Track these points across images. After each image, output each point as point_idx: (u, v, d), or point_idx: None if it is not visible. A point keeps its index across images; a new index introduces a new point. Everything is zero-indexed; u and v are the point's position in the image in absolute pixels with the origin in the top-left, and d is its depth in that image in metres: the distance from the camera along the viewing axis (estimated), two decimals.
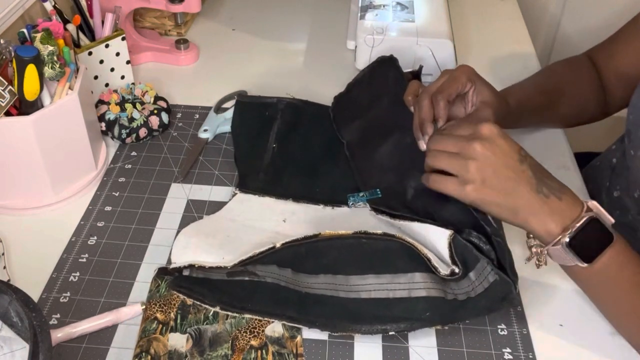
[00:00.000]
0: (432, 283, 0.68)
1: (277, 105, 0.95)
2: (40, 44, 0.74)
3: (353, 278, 0.70)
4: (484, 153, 0.66)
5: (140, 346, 0.65)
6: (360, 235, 0.72)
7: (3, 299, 0.59)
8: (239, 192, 0.83)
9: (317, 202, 0.82)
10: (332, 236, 0.72)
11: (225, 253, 0.73)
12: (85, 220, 0.80)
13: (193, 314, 0.69)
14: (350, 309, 0.68)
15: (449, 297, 0.67)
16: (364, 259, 0.71)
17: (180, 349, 0.66)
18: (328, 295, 0.69)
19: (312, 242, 0.72)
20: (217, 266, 0.71)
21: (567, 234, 0.63)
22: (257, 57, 1.13)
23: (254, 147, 0.89)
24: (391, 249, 0.71)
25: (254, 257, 0.71)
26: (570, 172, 0.89)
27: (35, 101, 0.76)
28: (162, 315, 0.68)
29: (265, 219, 0.79)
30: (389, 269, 0.70)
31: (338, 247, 0.72)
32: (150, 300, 0.69)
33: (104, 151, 0.89)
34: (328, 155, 0.88)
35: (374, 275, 0.69)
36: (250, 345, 0.66)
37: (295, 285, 0.70)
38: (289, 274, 0.71)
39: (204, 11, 1.22)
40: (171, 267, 0.73)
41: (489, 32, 1.20)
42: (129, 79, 1.02)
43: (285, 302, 0.69)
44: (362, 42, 1.04)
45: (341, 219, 0.80)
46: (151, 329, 0.67)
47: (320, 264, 0.71)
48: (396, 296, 0.68)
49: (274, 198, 0.82)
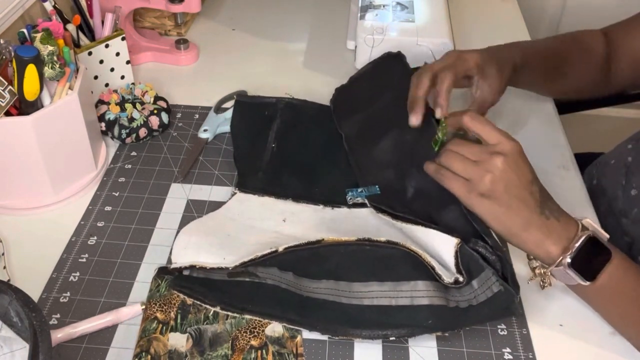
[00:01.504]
0: (435, 291, 0.67)
1: (277, 105, 0.95)
2: (40, 44, 0.74)
3: (356, 285, 0.69)
4: (504, 169, 0.66)
5: (140, 346, 0.65)
6: (363, 242, 0.71)
7: (3, 299, 0.59)
8: (238, 191, 0.83)
9: (317, 202, 0.82)
10: (335, 242, 0.71)
11: (226, 253, 0.73)
12: (85, 220, 0.80)
13: (193, 313, 0.69)
14: (351, 314, 0.68)
15: (451, 305, 0.67)
16: (367, 265, 0.70)
17: (180, 348, 0.66)
18: (330, 301, 0.69)
19: (315, 247, 0.71)
20: (218, 267, 0.71)
21: (568, 254, 0.64)
22: (257, 57, 1.13)
23: (253, 147, 0.89)
24: (394, 256, 0.70)
25: (255, 260, 0.71)
26: (570, 172, 0.89)
27: (35, 101, 0.76)
28: (162, 314, 0.68)
29: (265, 218, 0.79)
30: (392, 276, 0.69)
31: (341, 252, 0.71)
32: (150, 300, 0.69)
33: (104, 151, 0.89)
34: (327, 155, 0.88)
35: (377, 283, 0.69)
36: (251, 345, 0.66)
37: (296, 289, 0.70)
38: (291, 277, 0.70)
39: (204, 11, 1.22)
40: (171, 267, 0.73)
41: (489, 32, 1.20)
42: (129, 79, 1.02)
43: (286, 304, 0.69)
44: (362, 42, 1.04)
45: (341, 220, 0.79)
46: (151, 328, 0.67)
47: (322, 269, 0.71)
48: (399, 304, 0.68)
49: (274, 198, 0.82)
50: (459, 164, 0.69)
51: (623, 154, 0.94)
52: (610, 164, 0.94)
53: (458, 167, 0.69)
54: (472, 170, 0.67)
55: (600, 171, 0.94)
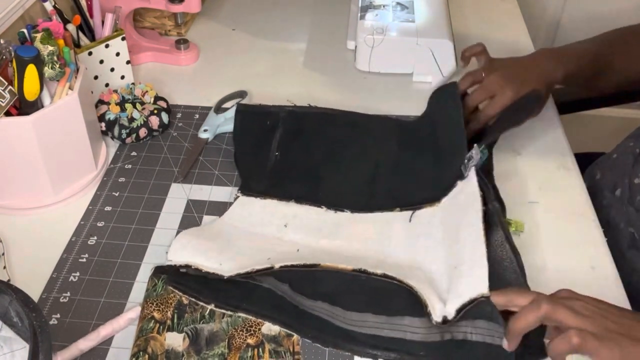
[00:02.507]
0: (430, 328, 0.66)
1: (279, 114, 0.94)
2: (40, 44, 0.74)
3: (351, 313, 0.68)
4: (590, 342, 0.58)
5: (137, 345, 0.65)
6: (359, 274, 0.70)
7: (3, 299, 0.59)
8: (241, 194, 0.83)
9: (320, 205, 0.81)
10: (332, 269, 0.70)
11: (224, 259, 0.73)
12: (85, 220, 0.80)
13: (189, 313, 0.69)
14: (345, 331, 0.67)
15: (445, 338, 0.65)
16: (363, 295, 0.69)
17: (177, 348, 0.66)
18: (324, 319, 0.68)
19: (311, 271, 0.70)
20: (213, 272, 0.71)
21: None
22: (257, 57, 1.13)
23: (256, 156, 0.88)
24: (389, 289, 0.69)
25: (251, 273, 0.70)
26: (570, 172, 0.89)
27: (35, 101, 0.76)
28: (159, 314, 0.68)
29: (267, 224, 0.79)
30: (387, 310, 0.68)
31: (336, 278, 0.70)
32: (147, 300, 0.69)
33: (104, 151, 0.89)
34: (331, 160, 0.88)
35: (372, 315, 0.68)
36: (247, 344, 0.66)
37: (292, 301, 0.70)
38: (287, 289, 0.70)
39: (204, 11, 1.22)
40: (167, 264, 0.72)
41: (489, 32, 1.20)
42: (129, 79, 1.02)
43: (281, 307, 0.69)
44: (362, 42, 1.04)
45: (343, 224, 0.79)
46: (148, 328, 0.67)
47: (317, 291, 0.70)
48: (392, 335, 0.66)
49: (276, 200, 0.82)
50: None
51: (627, 149, 0.94)
52: (612, 158, 0.94)
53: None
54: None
55: (603, 166, 0.94)
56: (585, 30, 1.61)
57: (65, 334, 0.67)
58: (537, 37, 1.63)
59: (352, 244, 0.76)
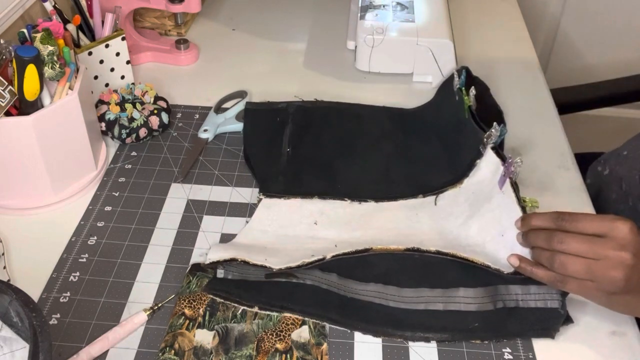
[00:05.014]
0: (484, 297, 0.68)
1: (287, 109, 0.95)
2: (40, 44, 0.74)
3: (406, 290, 0.69)
4: (634, 263, 0.61)
5: (165, 341, 0.66)
6: (412, 252, 0.71)
7: (3, 299, 0.59)
8: (263, 197, 0.82)
9: (342, 197, 0.82)
10: (384, 251, 0.71)
11: (268, 256, 0.73)
12: (85, 220, 0.80)
13: (222, 311, 0.69)
14: (396, 317, 0.68)
15: (498, 306, 0.68)
16: (417, 271, 0.71)
17: (206, 345, 0.66)
18: (376, 303, 0.69)
19: (363, 256, 0.71)
20: (261, 264, 0.71)
21: None
22: (257, 57, 1.13)
23: (269, 154, 0.89)
24: (443, 263, 0.70)
25: (302, 266, 0.70)
26: (570, 172, 0.89)
27: (35, 101, 0.76)
28: (190, 311, 0.69)
29: (296, 223, 0.79)
30: (442, 283, 0.70)
31: (388, 258, 0.71)
32: (180, 296, 0.70)
33: (104, 151, 0.89)
34: (344, 152, 0.89)
35: (429, 289, 0.69)
36: (276, 349, 0.66)
37: (340, 290, 0.70)
38: (335, 278, 0.70)
39: (204, 11, 1.22)
40: (206, 263, 0.72)
41: (489, 32, 1.20)
42: (129, 79, 1.02)
43: (326, 304, 0.69)
44: (362, 42, 1.04)
45: (371, 215, 0.80)
46: (177, 324, 0.67)
47: (370, 274, 0.71)
48: (449, 309, 0.68)
49: (299, 198, 0.82)
50: (580, 266, 0.62)
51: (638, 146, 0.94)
52: (623, 155, 0.94)
53: (579, 270, 0.62)
54: (598, 272, 0.61)
55: (613, 162, 0.94)
56: (585, 30, 1.61)
57: (65, 334, 0.67)
58: (537, 37, 1.63)
59: (385, 232, 0.77)
